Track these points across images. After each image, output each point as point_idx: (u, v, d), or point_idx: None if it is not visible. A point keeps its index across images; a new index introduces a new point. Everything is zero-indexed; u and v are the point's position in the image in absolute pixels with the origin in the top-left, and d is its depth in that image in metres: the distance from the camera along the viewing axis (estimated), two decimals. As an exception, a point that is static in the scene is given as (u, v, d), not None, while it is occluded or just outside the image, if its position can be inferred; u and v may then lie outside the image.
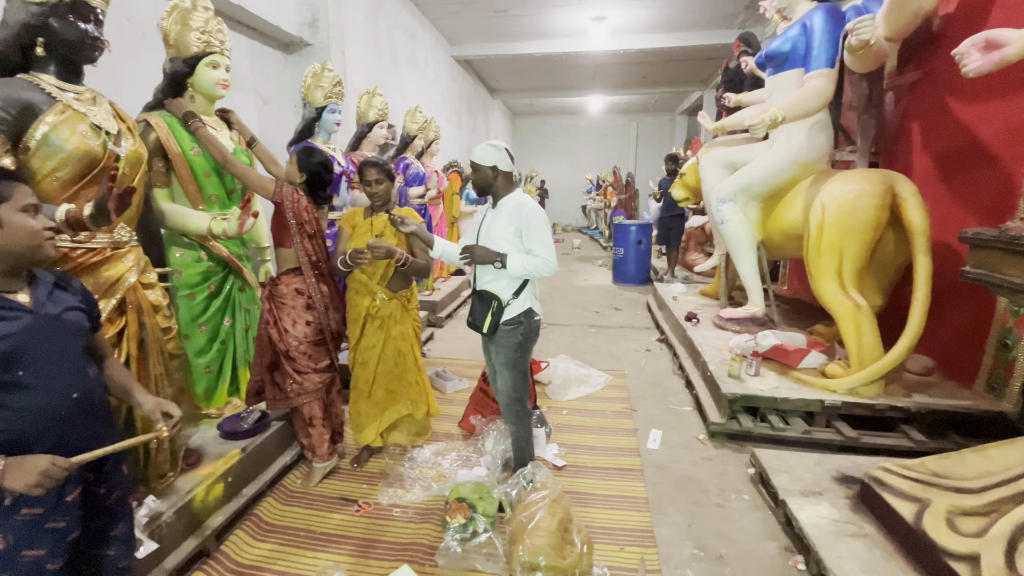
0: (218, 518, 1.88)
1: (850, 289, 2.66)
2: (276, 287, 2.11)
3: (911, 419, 2.50)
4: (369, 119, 3.59)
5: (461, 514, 1.91)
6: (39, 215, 1.09)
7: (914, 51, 3.00)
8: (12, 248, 1.03)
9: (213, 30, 2.03)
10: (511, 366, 2.07)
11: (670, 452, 2.57)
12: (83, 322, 1.15)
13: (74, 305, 1.14)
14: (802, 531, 1.79)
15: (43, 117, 1.42)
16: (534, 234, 1.89)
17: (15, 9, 1.41)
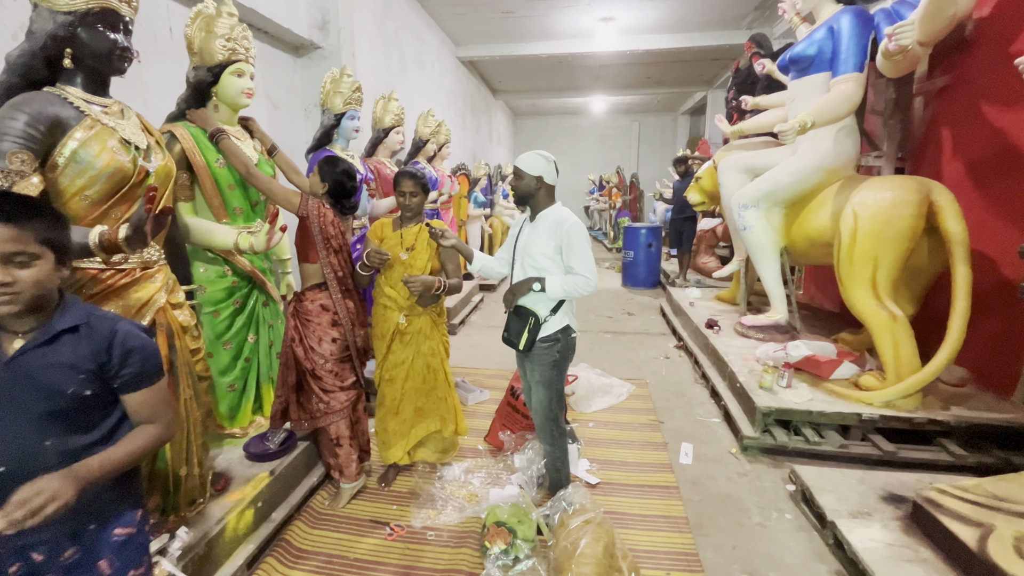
0: (249, 546, 1.81)
1: (885, 299, 2.60)
2: (301, 303, 2.04)
3: (949, 432, 2.45)
4: (385, 124, 3.52)
5: (501, 539, 1.85)
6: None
7: (945, 55, 2.95)
8: None
9: (238, 37, 1.96)
10: (547, 384, 2.01)
11: (704, 467, 2.51)
12: (65, 384, 0.97)
13: (66, 362, 0.97)
14: (856, 556, 1.73)
15: (72, 133, 1.35)
16: (575, 251, 1.83)
17: (42, 19, 1.33)
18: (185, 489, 1.70)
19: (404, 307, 2.14)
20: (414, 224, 2.16)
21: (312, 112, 4.57)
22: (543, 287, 1.86)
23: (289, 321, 2.05)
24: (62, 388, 0.97)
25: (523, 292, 1.91)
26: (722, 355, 3.29)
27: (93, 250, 1.29)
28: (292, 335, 2.04)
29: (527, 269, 1.95)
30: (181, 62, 2.13)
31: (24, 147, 1.26)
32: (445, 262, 2.16)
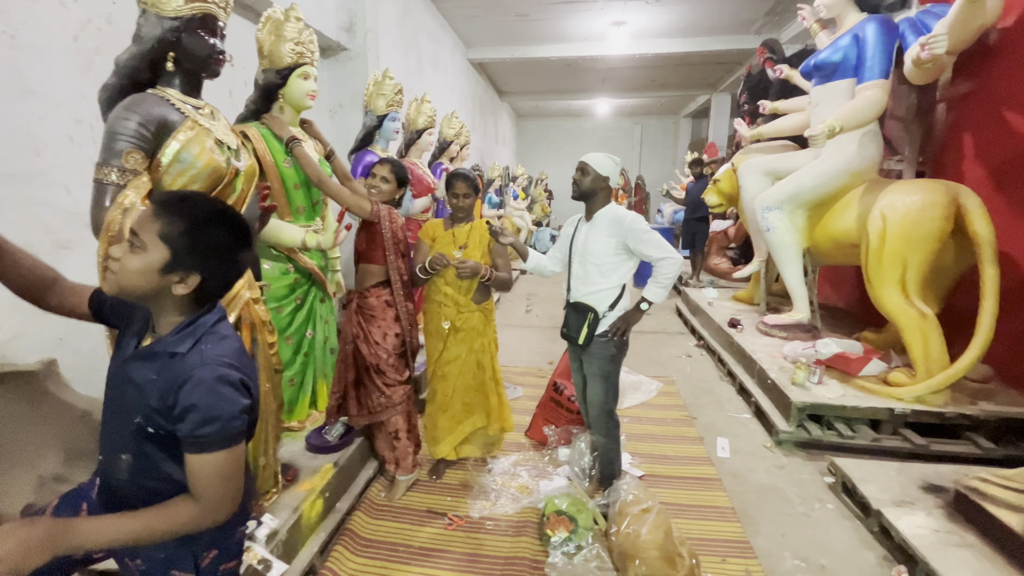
0: (321, 534, 1.87)
1: (914, 298, 2.70)
2: (366, 300, 2.10)
3: (977, 426, 2.55)
4: (419, 126, 3.57)
5: (563, 527, 1.91)
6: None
7: (968, 63, 3.05)
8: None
9: (306, 41, 2.01)
10: (604, 378, 2.08)
11: (742, 460, 2.59)
12: (135, 410, 0.92)
13: (143, 386, 0.91)
14: (905, 541, 1.81)
15: (176, 134, 1.40)
16: (644, 240, 1.91)
17: (150, 24, 1.39)
18: (262, 478, 1.76)
19: (459, 303, 2.20)
20: (465, 223, 2.22)
21: (337, 113, 4.62)
22: (649, 303, 1.95)
23: (352, 318, 2.11)
24: (132, 412, 0.92)
25: (636, 320, 2.00)
26: (749, 353, 3.38)
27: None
28: (355, 331, 2.09)
29: (589, 269, 2.01)
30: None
31: (137, 147, 1.32)
32: (495, 258, 2.23)
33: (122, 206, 1.28)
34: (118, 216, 1.26)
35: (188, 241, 0.91)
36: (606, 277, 2.01)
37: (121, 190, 1.29)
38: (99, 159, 1.30)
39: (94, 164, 1.30)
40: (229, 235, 0.97)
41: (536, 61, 8.73)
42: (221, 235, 0.95)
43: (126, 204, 1.28)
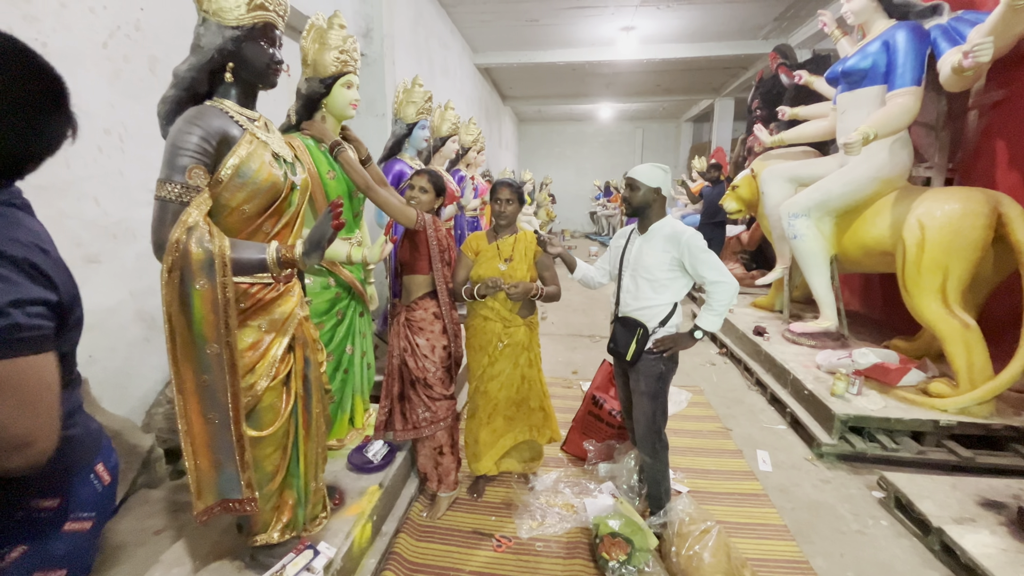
0: (371, 560, 1.80)
1: (955, 308, 2.66)
2: (413, 312, 2.04)
3: (1022, 438, 2.51)
4: (442, 133, 3.52)
5: (619, 550, 1.85)
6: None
7: (1001, 70, 3.03)
8: None
9: (350, 49, 1.96)
10: (652, 396, 2.01)
11: (786, 475, 2.54)
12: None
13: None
14: (973, 562, 1.77)
15: (236, 149, 1.33)
16: (701, 261, 1.83)
17: (211, 34, 1.32)
18: (312, 504, 1.69)
19: (505, 318, 2.14)
20: (508, 235, 2.17)
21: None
22: (704, 333, 1.89)
23: (399, 331, 2.05)
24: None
25: (686, 345, 1.94)
26: (780, 362, 3.34)
27: (269, 266, 1.28)
28: (403, 344, 2.03)
29: (640, 283, 1.96)
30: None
31: (200, 162, 1.25)
32: (542, 270, 2.17)
33: (185, 224, 1.21)
34: (182, 235, 1.20)
35: None
36: (658, 293, 1.94)
37: (184, 207, 1.23)
38: (161, 175, 1.23)
39: (156, 180, 1.23)
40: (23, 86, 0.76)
41: (543, 66, 8.71)
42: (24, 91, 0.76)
43: (189, 223, 1.21)
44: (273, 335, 1.48)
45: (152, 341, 2.43)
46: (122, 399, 2.30)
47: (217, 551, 1.62)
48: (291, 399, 1.54)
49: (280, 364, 1.50)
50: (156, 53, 2.48)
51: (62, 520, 0.86)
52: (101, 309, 2.20)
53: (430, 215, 2.01)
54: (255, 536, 1.57)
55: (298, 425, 1.58)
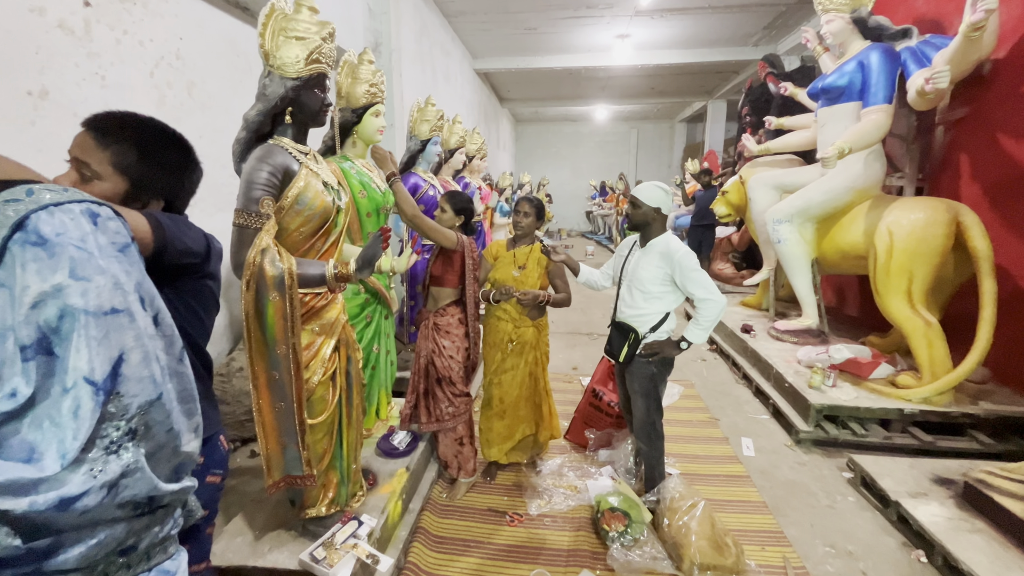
0: (402, 532, 2.06)
1: (920, 307, 2.95)
2: (442, 318, 2.28)
3: (978, 424, 2.80)
4: (451, 145, 3.77)
5: (618, 522, 2.12)
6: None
7: (964, 90, 3.31)
8: None
9: (379, 82, 2.20)
10: (644, 395, 2.24)
11: (766, 458, 2.82)
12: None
13: None
14: (923, 528, 2.05)
15: (295, 181, 1.58)
16: (690, 279, 2.02)
17: (275, 84, 1.57)
18: (352, 482, 1.94)
19: (515, 319, 2.40)
20: (525, 244, 2.42)
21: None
22: (689, 344, 2.08)
23: (429, 334, 2.29)
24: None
25: (672, 352, 2.14)
26: (764, 358, 3.62)
27: (328, 281, 1.53)
28: (430, 347, 2.28)
29: (635, 293, 2.18)
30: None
31: (269, 194, 1.50)
32: (553, 278, 2.43)
33: (259, 247, 1.46)
34: (258, 256, 1.45)
35: (145, 168, 0.96)
36: (650, 304, 2.15)
37: (257, 232, 1.47)
38: (239, 205, 1.48)
39: (234, 210, 1.48)
40: (177, 153, 1.03)
41: (540, 71, 8.95)
42: (171, 155, 1.00)
43: (263, 246, 1.46)
44: (323, 337, 1.73)
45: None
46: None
47: (272, 523, 1.88)
48: (337, 392, 1.80)
49: (329, 362, 1.75)
50: (193, 78, 2.71)
51: (204, 473, 1.14)
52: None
53: (466, 237, 2.26)
54: (306, 510, 1.82)
55: (342, 414, 1.83)
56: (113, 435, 0.56)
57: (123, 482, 0.57)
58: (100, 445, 0.55)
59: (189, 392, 0.70)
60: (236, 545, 1.77)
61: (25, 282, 0.51)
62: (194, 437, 0.70)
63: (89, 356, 0.53)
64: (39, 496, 0.50)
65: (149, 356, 0.61)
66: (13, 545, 0.51)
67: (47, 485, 0.51)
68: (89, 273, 0.55)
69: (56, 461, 0.52)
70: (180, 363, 0.68)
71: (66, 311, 0.52)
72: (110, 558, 0.60)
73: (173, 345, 0.67)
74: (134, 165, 0.97)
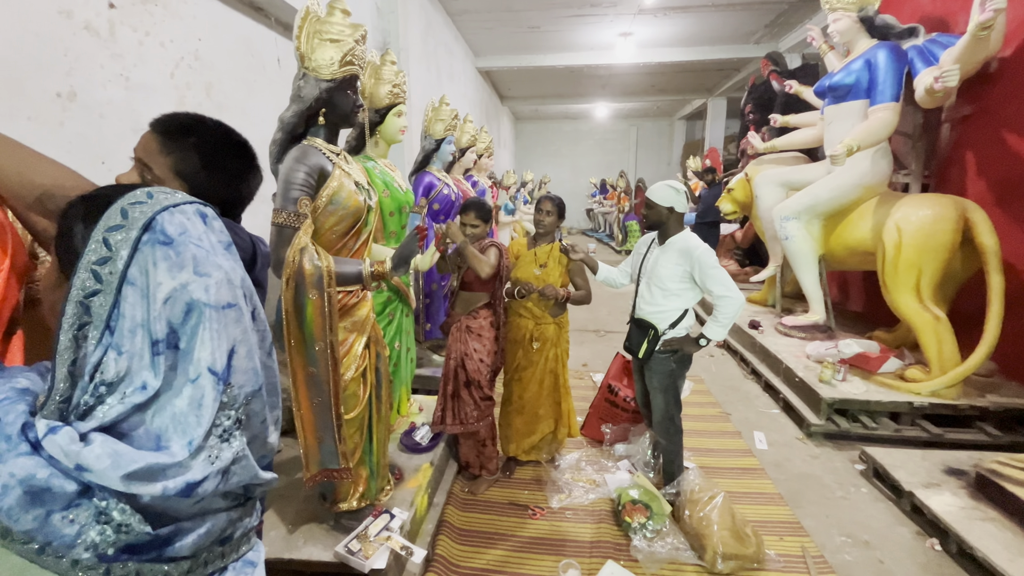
0: (428, 525, 2.10)
1: (928, 303, 3.00)
2: (473, 320, 2.30)
3: (986, 416, 2.86)
4: (462, 144, 3.79)
5: (640, 514, 2.17)
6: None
7: (970, 87, 3.36)
8: None
9: (401, 83, 2.23)
10: (663, 390, 2.28)
11: (779, 452, 2.87)
12: None
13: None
14: (937, 517, 2.10)
15: (329, 181, 1.61)
16: (709, 276, 2.06)
17: (309, 86, 1.59)
18: (381, 476, 1.98)
19: (537, 317, 2.44)
20: (546, 243, 2.46)
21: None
22: (708, 340, 2.11)
23: (461, 336, 2.29)
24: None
25: (691, 349, 2.17)
26: (774, 353, 3.67)
27: (364, 279, 1.57)
28: (463, 349, 2.27)
29: (654, 290, 2.22)
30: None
31: (306, 194, 1.53)
32: (574, 276, 2.46)
33: (298, 246, 1.49)
34: (297, 254, 1.48)
35: (205, 176, 0.96)
36: (669, 300, 2.19)
37: (295, 231, 1.50)
38: (277, 205, 1.51)
39: (273, 210, 1.51)
40: (240, 161, 1.02)
41: (541, 68, 8.97)
42: (234, 163, 1.00)
43: (301, 245, 1.49)
44: (355, 334, 1.77)
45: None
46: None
47: (303, 517, 1.91)
48: (368, 388, 1.83)
49: (360, 359, 1.79)
50: (211, 79, 2.73)
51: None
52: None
53: (500, 244, 2.28)
54: (338, 504, 1.86)
55: (372, 410, 1.87)
56: (226, 424, 0.60)
57: (233, 468, 0.60)
58: (215, 433, 0.58)
59: (275, 385, 0.73)
60: (270, 539, 1.80)
61: (158, 279, 0.55)
62: (275, 429, 0.74)
63: (212, 348, 0.57)
64: (170, 481, 0.54)
65: (252, 349, 0.64)
66: (145, 531, 0.54)
67: (176, 470, 0.54)
68: (209, 270, 0.58)
69: (184, 448, 0.55)
70: (269, 357, 0.72)
71: (192, 306, 0.56)
72: (212, 547, 0.63)
73: (265, 339, 0.71)
74: (195, 172, 0.98)
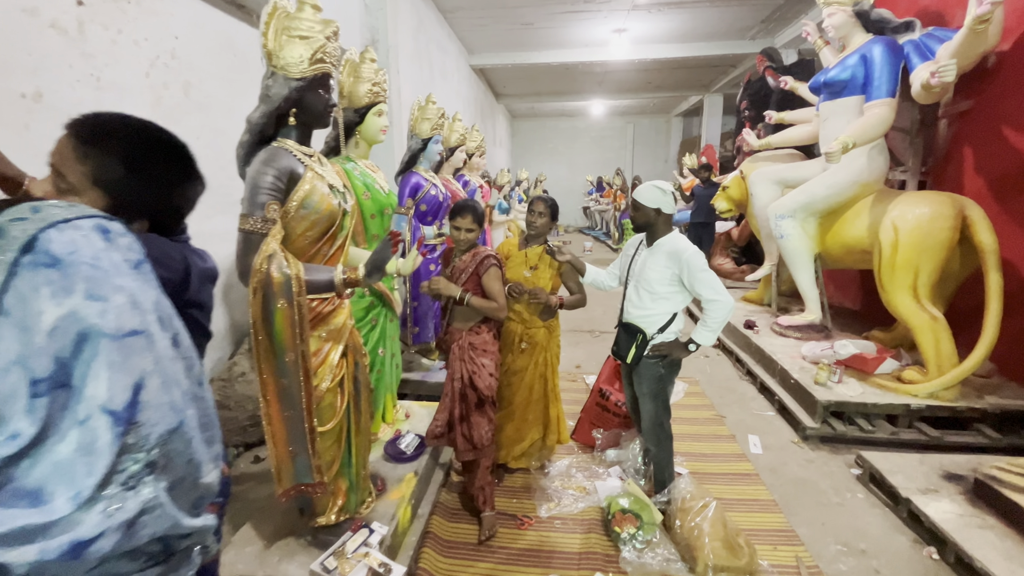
0: (412, 538, 2.04)
1: (925, 302, 2.94)
2: (475, 336, 2.15)
3: (984, 418, 2.80)
4: (451, 144, 3.72)
5: (630, 524, 2.11)
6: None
7: (968, 82, 3.29)
8: None
9: (381, 81, 2.16)
10: (652, 396, 2.21)
11: (774, 456, 2.81)
12: None
13: None
14: (935, 525, 2.05)
15: (301, 184, 1.54)
16: (698, 279, 1.99)
17: (278, 85, 1.52)
18: (361, 488, 1.92)
19: (526, 320, 2.37)
20: (538, 244, 2.39)
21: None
22: (698, 345, 2.05)
23: (465, 356, 2.11)
24: None
25: (681, 354, 2.11)
26: (769, 354, 3.61)
27: (337, 286, 1.50)
28: (471, 368, 2.09)
29: (642, 293, 2.15)
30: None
31: (275, 198, 1.46)
32: (566, 279, 2.39)
33: (266, 253, 1.42)
34: (264, 262, 1.41)
35: (130, 185, 0.82)
36: (657, 304, 2.12)
37: (263, 238, 1.44)
38: (244, 210, 1.44)
39: (239, 215, 1.44)
40: (171, 167, 0.87)
41: (536, 66, 8.89)
42: (164, 170, 0.86)
43: (269, 251, 1.43)
44: (331, 343, 1.70)
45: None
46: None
47: (281, 532, 1.85)
48: (345, 398, 1.77)
49: (337, 368, 1.72)
50: (189, 78, 2.66)
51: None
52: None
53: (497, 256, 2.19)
54: (316, 518, 1.80)
55: (350, 420, 1.80)
56: (132, 468, 0.53)
57: (142, 520, 0.53)
58: (118, 480, 0.51)
59: (210, 418, 0.66)
60: (245, 556, 1.74)
61: (39, 308, 0.48)
62: (214, 467, 0.67)
63: (109, 383, 0.50)
64: (50, 542, 0.47)
65: (169, 381, 0.57)
66: None
67: (58, 528, 0.47)
68: (106, 292, 0.51)
69: (68, 502, 0.48)
70: (200, 387, 0.65)
71: (85, 335, 0.49)
72: None
73: (192, 368, 0.64)
74: (116, 181, 0.83)
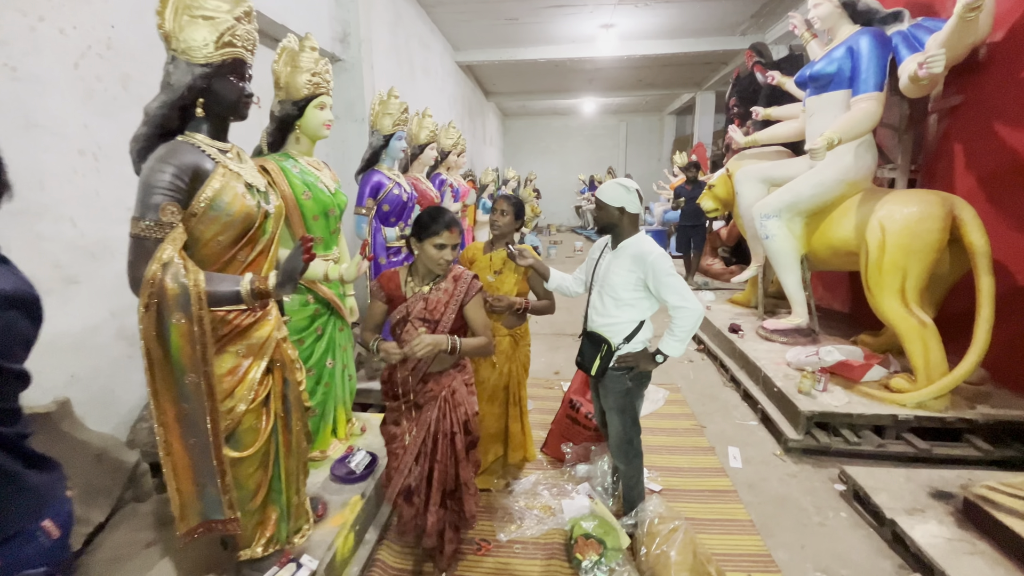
0: (354, 568, 1.87)
1: (913, 307, 2.79)
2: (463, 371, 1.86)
3: (976, 429, 2.65)
4: (420, 140, 3.56)
5: (592, 551, 1.95)
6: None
7: (958, 76, 3.15)
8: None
9: (322, 71, 1.99)
10: (619, 410, 2.04)
11: (754, 470, 2.66)
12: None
13: None
14: (921, 551, 1.89)
15: (209, 182, 1.38)
16: (664, 284, 1.83)
17: (180, 71, 1.36)
18: (295, 517, 1.75)
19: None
20: (502, 248, 2.22)
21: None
22: (665, 357, 1.90)
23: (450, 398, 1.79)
24: None
25: (648, 365, 1.95)
26: (752, 360, 3.46)
27: (244, 298, 1.33)
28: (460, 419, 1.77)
29: (606, 300, 1.98)
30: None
31: (173, 199, 1.29)
32: (534, 284, 2.23)
33: (160, 260, 1.25)
34: (158, 271, 1.24)
35: None
36: (622, 311, 1.96)
37: (159, 244, 1.27)
38: (136, 213, 1.27)
39: (130, 219, 1.27)
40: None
41: (524, 63, 8.72)
42: None
43: (164, 258, 1.26)
44: (251, 359, 1.53)
45: (134, 359, 2.45)
46: (106, 417, 2.33)
47: (204, 565, 1.68)
48: (271, 419, 1.60)
49: (259, 387, 1.55)
50: (129, 71, 2.48)
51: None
52: (82, 329, 2.22)
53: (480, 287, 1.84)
54: (240, 551, 1.63)
55: (279, 443, 1.63)
56: None
57: None
58: None
59: None
60: (159, 594, 1.57)
61: None
62: None
63: None
64: None
65: None
66: None
67: None
68: None
69: None
70: None
71: None
72: None
73: None
74: None
